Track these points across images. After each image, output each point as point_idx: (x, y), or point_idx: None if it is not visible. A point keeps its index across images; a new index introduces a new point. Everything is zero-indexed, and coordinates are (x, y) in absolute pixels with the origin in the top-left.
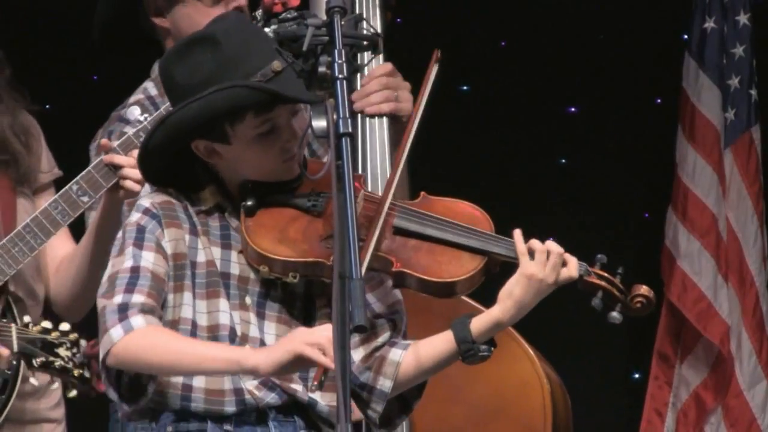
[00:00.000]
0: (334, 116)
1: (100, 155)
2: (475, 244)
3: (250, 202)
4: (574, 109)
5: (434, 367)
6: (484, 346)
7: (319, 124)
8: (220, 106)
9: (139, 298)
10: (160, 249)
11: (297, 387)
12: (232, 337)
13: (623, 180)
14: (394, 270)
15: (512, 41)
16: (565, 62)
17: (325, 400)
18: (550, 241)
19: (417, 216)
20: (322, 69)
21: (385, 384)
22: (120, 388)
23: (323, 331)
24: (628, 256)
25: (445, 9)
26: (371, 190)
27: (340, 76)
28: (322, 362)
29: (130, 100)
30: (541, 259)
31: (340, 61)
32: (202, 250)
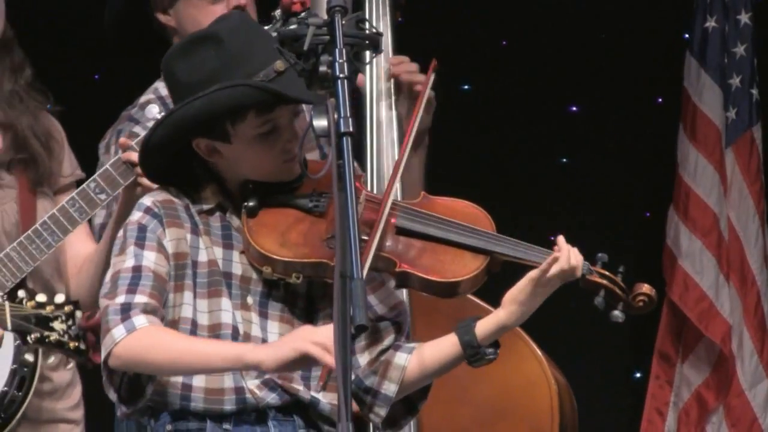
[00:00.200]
0: (335, 115)
1: (110, 153)
2: (478, 243)
3: (251, 203)
4: (575, 109)
5: (439, 371)
6: (489, 350)
7: (320, 123)
8: (222, 105)
9: (141, 298)
10: (161, 248)
11: (298, 387)
12: (235, 335)
13: (624, 179)
14: (397, 270)
15: (513, 40)
16: (566, 61)
17: (327, 399)
18: (575, 252)
19: (419, 216)
20: (323, 68)
21: (390, 388)
22: (119, 389)
23: (328, 331)
24: (630, 256)
25: (446, 8)
26: (379, 190)
27: (341, 76)
28: (327, 362)
29: (141, 99)
30: (557, 273)
31: (341, 61)
32: (204, 249)
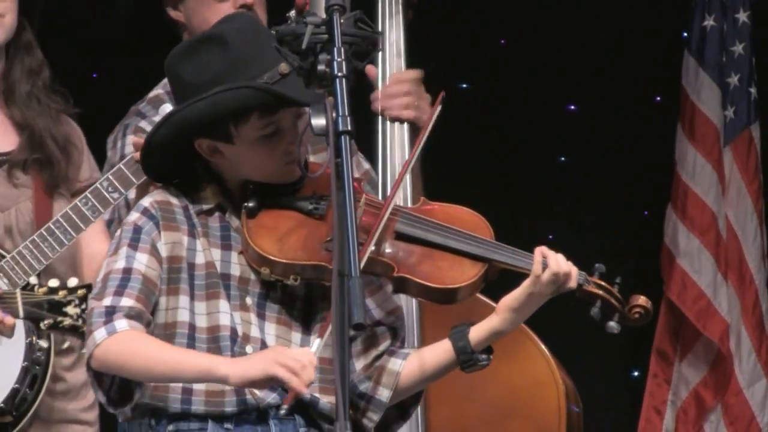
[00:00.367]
0: (334, 114)
1: (116, 147)
2: (477, 251)
3: (251, 204)
4: (573, 108)
5: (433, 376)
6: (483, 356)
7: (319, 122)
8: (225, 106)
9: (127, 301)
10: (154, 251)
11: None
12: (233, 337)
13: (623, 178)
14: (395, 275)
15: (512, 39)
16: (565, 60)
17: (326, 398)
18: (561, 257)
19: (419, 222)
20: (322, 67)
21: (383, 394)
22: (110, 390)
23: (300, 354)
24: (628, 254)
25: (445, 7)
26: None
27: (340, 74)
28: (293, 385)
29: (150, 94)
30: (550, 279)
31: (339, 59)
32: (202, 252)
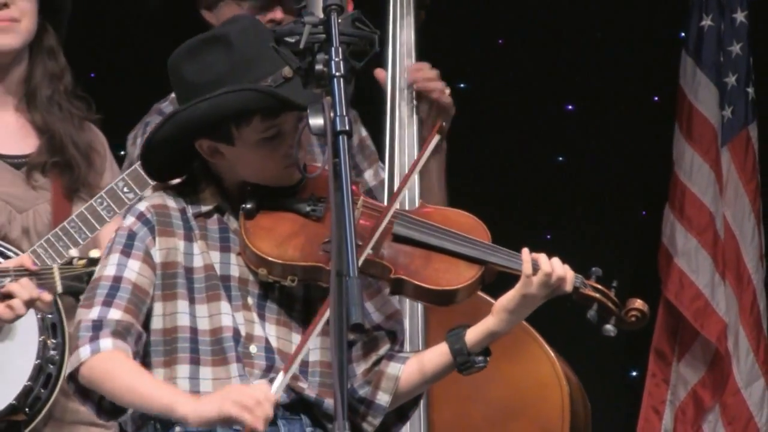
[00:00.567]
0: (331, 114)
1: (136, 144)
2: (474, 253)
3: (249, 205)
4: (571, 107)
5: (432, 379)
6: (479, 358)
7: (316, 122)
8: (228, 108)
9: (115, 313)
10: (147, 258)
11: (303, 385)
12: (236, 338)
13: (621, 178)
14: (392, 277)
15: (510, 39)
16: (563, 60)
17: (330, 399)
18: (556, 260)
19: (416, 224)
20: (319, 67)
21: (383, 399)
22: (101, 401)
23: (256, 390)
24: (626, 254)
25: (443, 7)
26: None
27: (337, 74)
28: (247, 423)
29: (172, 94)
30: (543, 280)
31: (336, 59)
32: (200, 255)
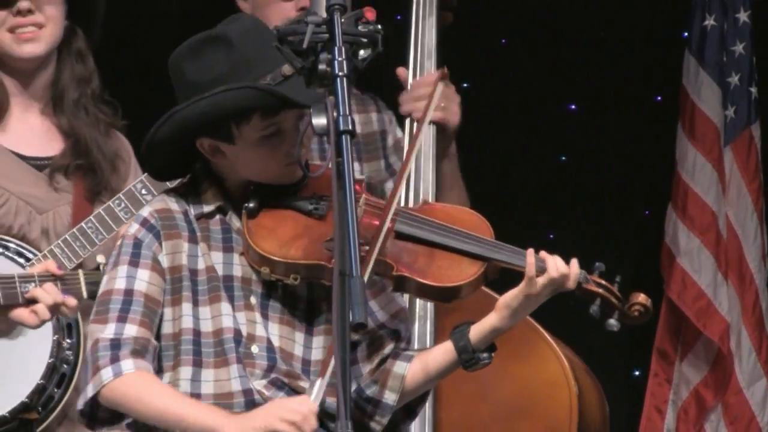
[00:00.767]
0: (335, 113)
1: None
2: (476, 250)
3: (252, 204)
4: (574, 107)
5: (437, 377)
6: (484, 354)
7: (320, 121)
8: (228, 106)
9: (131, 329)
10: (156, 265)
11: (304, 384)
12: (238, 338)
13: (623, 177)
14: (394, 274)
15: (513, 39)
16: (566, 60)
17: (332, 398)
18: (559, 259)
19: (419, 221)
20: (323, 66)
21: (390, 398)
22: (98, 409)
23: (300, 405)
24: (628, 254)
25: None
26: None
27: (340, 74)
28: None
29: None
30: (546, 280)
31: (340, 59)
32: (202, 257)
